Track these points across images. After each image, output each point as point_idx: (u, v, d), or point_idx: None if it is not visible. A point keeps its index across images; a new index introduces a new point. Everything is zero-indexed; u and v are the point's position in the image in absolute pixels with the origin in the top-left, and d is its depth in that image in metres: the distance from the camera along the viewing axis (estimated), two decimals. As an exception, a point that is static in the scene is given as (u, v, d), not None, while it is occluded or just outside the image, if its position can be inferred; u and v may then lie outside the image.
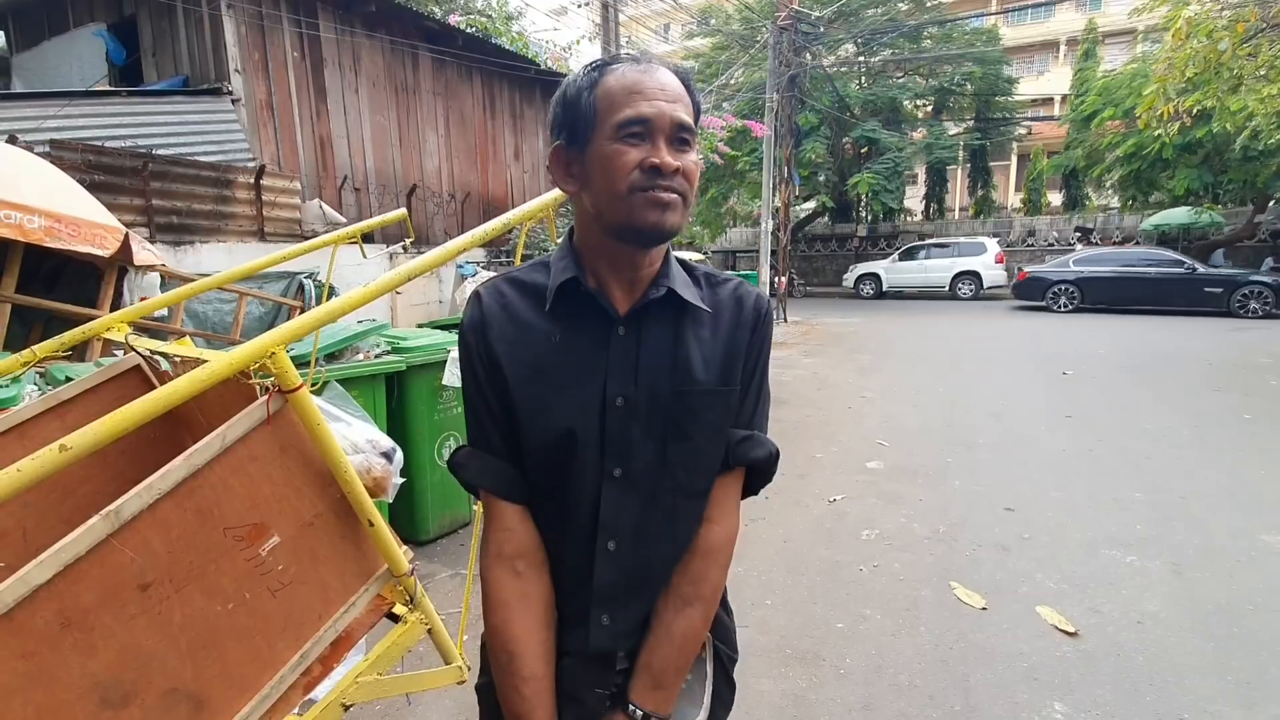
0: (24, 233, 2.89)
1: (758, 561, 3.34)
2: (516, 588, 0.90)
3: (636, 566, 0.90)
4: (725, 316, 0.93)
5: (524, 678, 0.87)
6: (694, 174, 0.84)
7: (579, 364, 0.88)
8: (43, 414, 1.71)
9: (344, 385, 2.97)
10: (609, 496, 0.88)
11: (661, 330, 0.90)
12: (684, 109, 0.83)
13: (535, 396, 0.88)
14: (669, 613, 0.89)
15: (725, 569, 0.93)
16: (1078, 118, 19.25)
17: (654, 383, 0.88)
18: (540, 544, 0.92)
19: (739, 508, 0.95)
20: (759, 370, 0.95)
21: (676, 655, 0.89)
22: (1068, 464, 4.66)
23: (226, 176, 6.12)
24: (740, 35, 19.17)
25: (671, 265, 0.92)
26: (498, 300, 0.91)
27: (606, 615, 0.90)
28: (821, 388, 7.43)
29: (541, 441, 0.89)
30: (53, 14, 8.20)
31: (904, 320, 13.63)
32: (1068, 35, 27.95)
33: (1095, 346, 9.50)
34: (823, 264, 23.68)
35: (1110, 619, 2.74)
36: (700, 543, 0.91)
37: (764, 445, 0.93)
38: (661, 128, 0.81)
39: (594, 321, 0.89)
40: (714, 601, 0.92)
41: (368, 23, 8.45)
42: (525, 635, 0.88)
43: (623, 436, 0.88)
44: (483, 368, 0.90)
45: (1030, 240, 20.94)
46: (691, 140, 0.84)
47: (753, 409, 0.94)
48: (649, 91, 0.81)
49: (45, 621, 1.06)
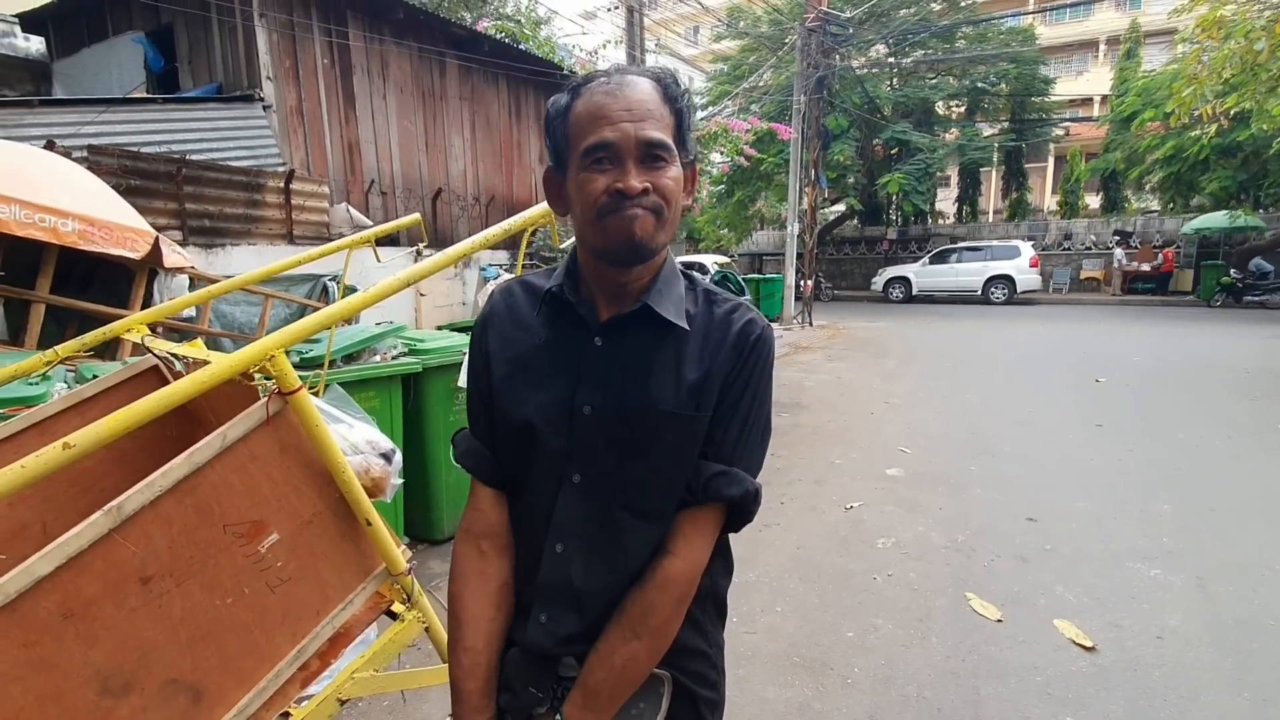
0: (58, 236, 3.01)
1: (769, 568, 3.31)
2: (477, 565, 0.96)
3: (581, 573, 0.90)
4: (711, 340, 0.90)
5: (464, 648, 0.93)
6: (669, 189, 0.83)
7: (555, 368, 0.91)
8: (64, 411, 1.78)
9: (361, 386, 3.04)
10: (564, 500, 0.90)
11: (639, 345, 0.89)
12: (654, 125, 0.81)
13: (509, 391, 0.93)
14: (615, 638, 0.87)
15: (680, 604, 0.88)
16: (1117, 118, 18.74)
17: (623, 396, 0.88)
18: (508, 530, 0.97)
19: (708, 545, 0.91)
20: (745, 402, 0.89)
21: (612, 681, 0.87)
22: (1095, 474, 4.54)
23: (257, 181, 6.29)
24: (768, 37, 19.06)
25: (662, 280, 0.90)
26: (505, 299, 0.99)
27: (545, 614, 0.92)
28: (844, 393, 7.34)
29: (507, 433, 0.94)
30: (92, 22, 8.50)
31: (933, 325, 13.40)
32: (1107, 34, 27.22)
33: (1130, 353, 9.24)
34: (851, 267, 23.40)
35: (1130, 633, 2.66)
36: (656, 573, 0.88)
37: (739, 483, 0.88)
38: (628, 150, 0.80)
39: (575, 329, 0.91)
40: (663, 636, 0.88)
41: (396, 30, 8.61)
42: (474, 609, 0.94)
43: (586, 444, 0.89)
44: (479, 358, 0.98)
45: (1067, 244, 20.42)
46: (668, 156, 0.82)
47: (734, 442, 0.89)
48: (613, 115, 0.80)
49: (48, 612, 1.10)
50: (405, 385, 3.32)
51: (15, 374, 1.78)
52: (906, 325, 13.44)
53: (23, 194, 2.93)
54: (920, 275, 18.43)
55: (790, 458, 4.99)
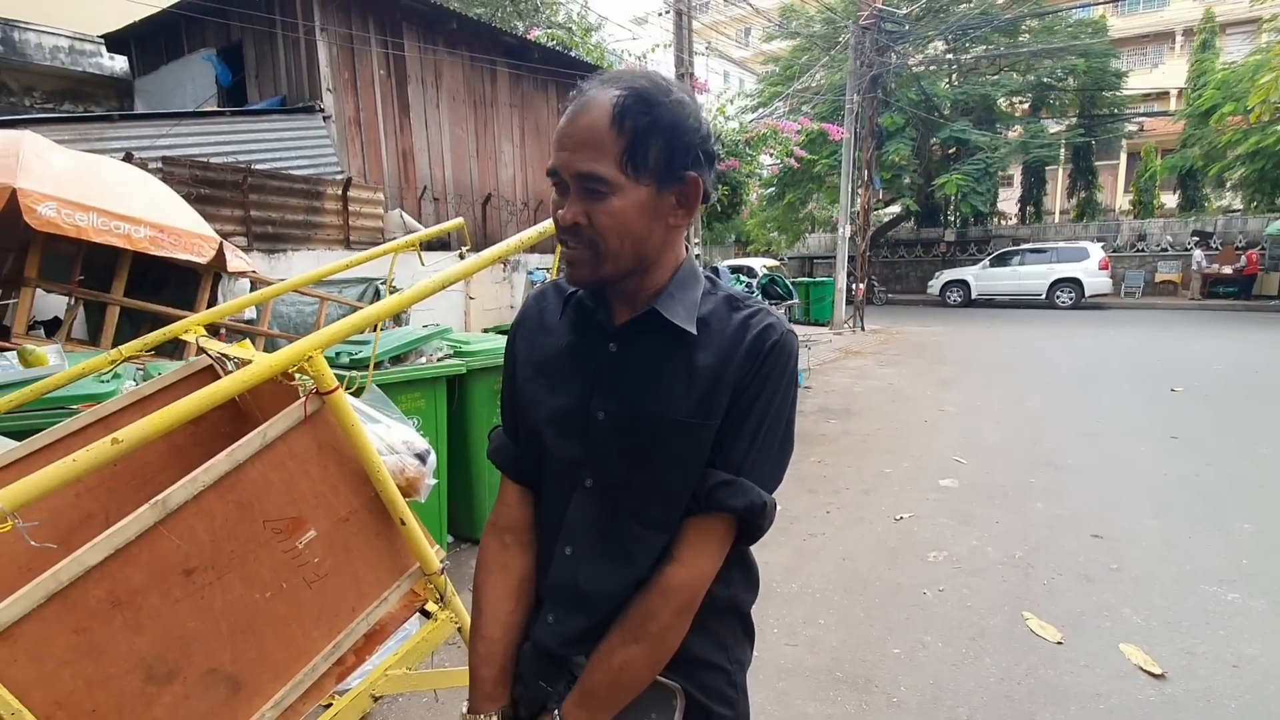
0: (131, 242, 3.19)
1: (813, 578, 3.22)
2: (500, 557, 0.99)
3: (588, 577, 0.90)
4: (725, 345, 0.86)
5: (482, 636, 0.96)
6: (604, 224, 0.79)
7: (573, 371, 0.92)
8: (127, 408, 1.87)
9: (407, 387, 3.10)
10: (575, 504, 0.91)
11: (651, 350, 0.87)
12: (589, 157, 0.78)
13: (530, 392, 0.96)
14: (615, 640, 0.87)
15: (681, 613, 0.86)
16: (1194, 113, 17.68)
17: (635, 402, 0.87)
18: (532, 525, 1.00)
19: (715, 555, 0.88)
20: (758, 410, 0.85)
21: (608, 684, 0.86)
22: (1168, 489, 4.26)
23: (317, 189, 6.55)
24: (821, 37, 18.75)
25: (676, 283, 0.88)
26: (538, 303, 1.01)
27: (552, 614, 0.93)
28: (896, 399, 7.12)
29: (525, 434, 0.97)
30: (170, 40, 9.03)
31: (993, 330, 12.90)
32: (1184, 25, 25.68)
33: (1210, 360, 8.67)
34: (906, 270, 22.77)
35: (1203, 661, 2.48)
36: (659, 579, 0.86)
37: (745, 494, 0.84)
38: (568, 178, 0.80)
39: (593, 333, 0.92)
40: (662, 643, 0.86)
41: (449, 40, 8.84)
42: (494, 599, 0.97)
43: (600, 450, 0.89)
44: (509, 358, 1.02)
45: (1140, 245, 19.34)
46: (604, 188, 0.78)
47: (744, 451, 0.85)
48: (560, 140, 0.81)
49: (97, 600, 1.15)
50: (450, 387, 3.37)
51: (83, 371, 1.89)
52: (964, 330, 12.96)
53: (101, 203, 3.12)
54: (980, 278, 17.77)
55: (837, 465, 4.86)
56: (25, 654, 1.10)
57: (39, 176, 2.93)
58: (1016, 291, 17.15)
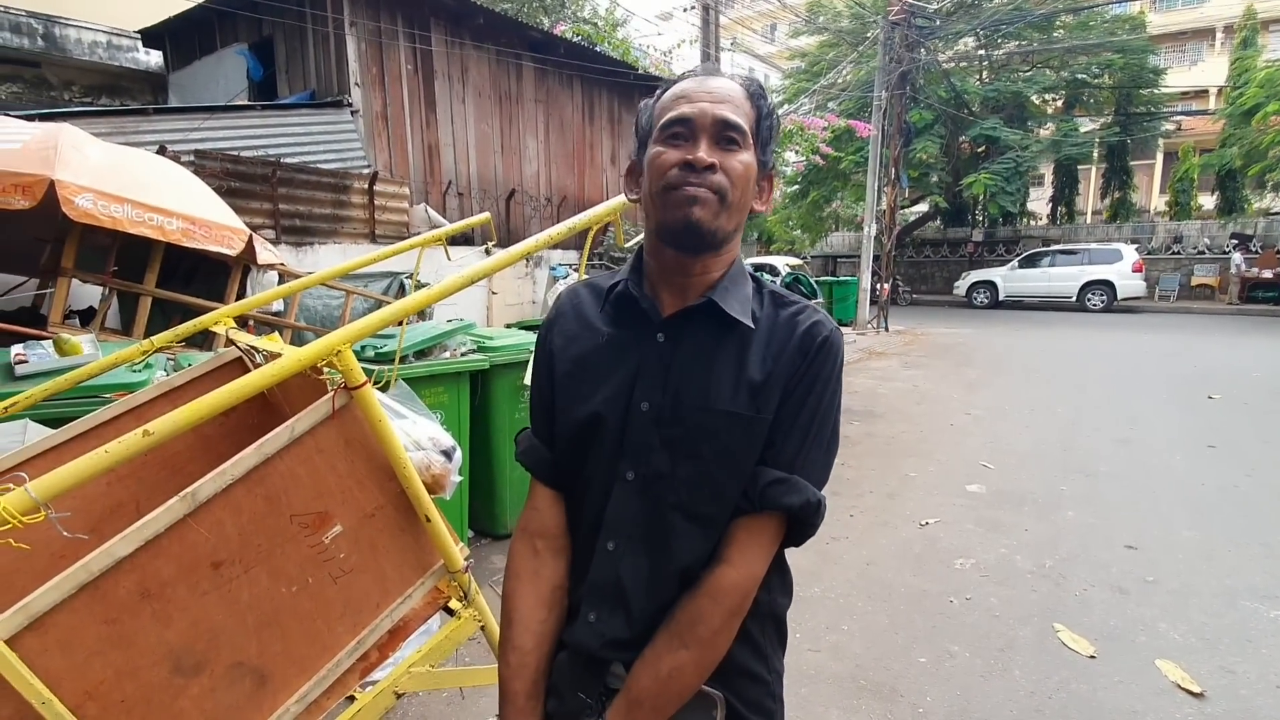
0: (164, 233, 3.24)
1: (836, 583, 3.18)
2: (531, 564, 0.96)
3: (630, 573, 0.88)
4: (775, 341, 0.87)
5: (513, 646, 0.93)
6: (738, 172, 0.83)
7: (615, 364, 0.91)
8: (157, 398, 1.89)
9: (431, 382, 3.11)
10: (617, 497, 0.89)
11: (701, 342, 0.88)
12: (731, 109, 0.83)
13: (571, 389, 0.93)
14: (661, 645, 0.84)
15: (731, 616, 0.84)
16: (1235, 112, 17.10)
17: (682, 393, 0.86)
18: (564, 531, 0.97)
19: (765, 556, 0.86)
20: (809, 406, 0.85)
21: (657, 690, 0.83)
22: (1207, 500, 4.13)
23: (344, 182, 6.61)
24: (849, 32, 18.50)
25: (730, 278, 0.89)
26: (572, 300, 1.00)
27: (594, 613, 0.90)
28: (921, 402, 7.01)
29: (566, 432, 0.94)
30: (203, 36, 9.18)
31: (1021, 332, 12.64)
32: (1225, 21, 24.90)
33: (1249, 367, 8.40)
34: (932, 270, 22.42)
35: (1245, 680, 2.39)
36: (708, 581, 0.84)
37: (799, 491, 0.84)
38: (703, 126, 0.82)
39: (638, 325, 0.91)
40: (711, 647, 0.84)
41: (476, 35, 8.87)
42: (525, 608, 0.94)
43: (641, 441, 0.87)
44: (543, 358, 0.99)
45: (1176, 247, 18.83)
46: (741, 140, 0.83)
47: (796, 449, 0.85)
48: (694, 95, 0.84)
49: (127, 591, 1.15)
50: (473, 382, 3.37)
51: (116, 361, 1.91)
52: (992, 332, 12.73)
53: (136, 195, 3.17)
54: (1008, 280, 17.43)
55: (861, 469, 4.79)
56: (56, 643, 1.11)
57: (76, 169, 2.98)
58: (1046, 293, 16.79)
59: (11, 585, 1.36)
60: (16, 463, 1.64)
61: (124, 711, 1.17)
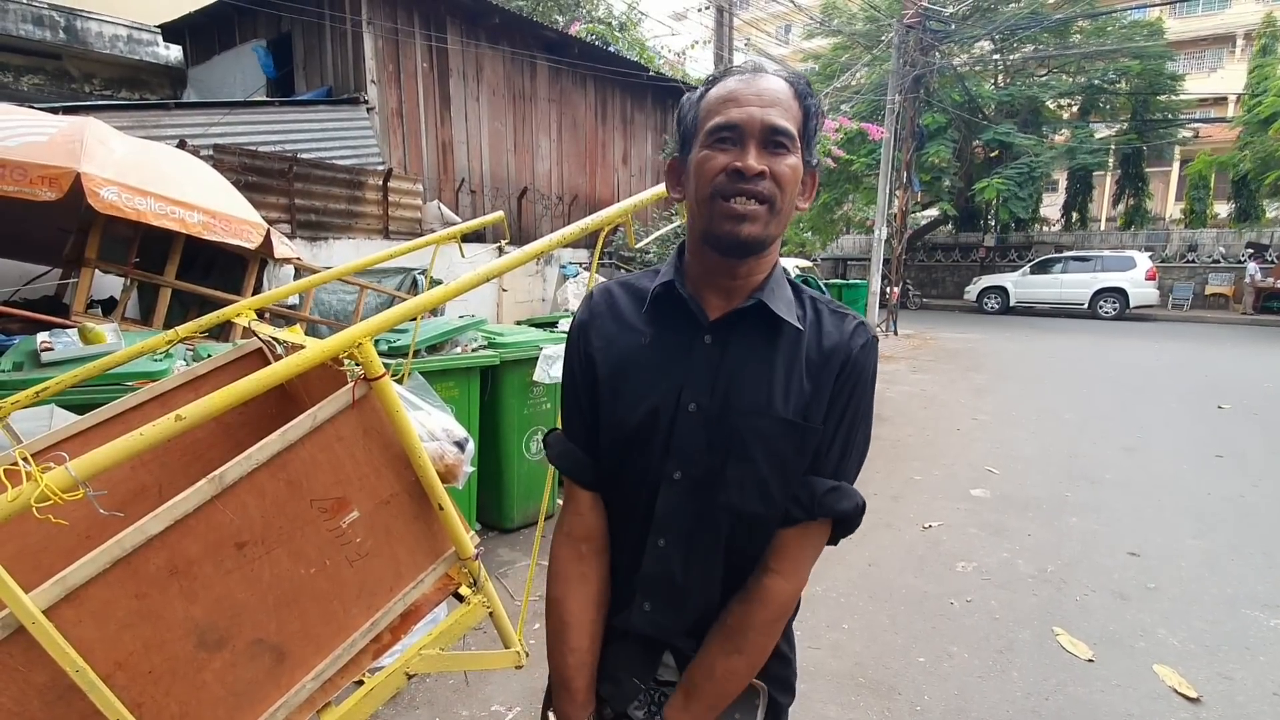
0: (185, 226, 3.31)
1: (838, 582, 3.21)
2: (577, 568, 0.98)
3: (682, 568, 0.91)
4: (821, 346, 0.89)
5: (571, 648, 0.96)
6: (786, 177, 0.82)
7: (662, 366, 0.91)
8: (180, 386, 1.95)
9: (442, 376, 3.16)
10: (665, 497, 0.91)
11: (749, 345, 0.89)
12: (780, 113, 0.82)
13: (616, 392, 0.93)
14: (716, 649, 0.89)
15: (780, 622, 0.90)
16: (1253, 120, 16.95)
17: (730, 396, 0.87)
18: (605, 531, 0.99)
19: (813, 563, 0.91)
20: (851, 412, 0.88)
21: (713, 691, 0.89)
22: (1212, 509, 4.13)
23: (358, 179, 6.69)
24: (863, 35, 18.45)
25: (773, 280, 0.90)
26: (606, 301, 0.99)
27: (648, 603, 0.94)
28: (928, 406, 7.02)
29: (613, 435, 0.94)
30: (223, 31, 9.31)
31: (1031, 338, 12.59)
32: (1245, 28, 24.65)
33: (1261, 378, 8.35)
34: (943, 275, 22.33)
35: (1242, 688, 2.41)
36: (761, 590, 0.88)
37: (850, 497, 0.88)
38: (751, 132, 0.81)
39: (684, 327, 0.91)
40: (761, 652, 0.90)
41: (491, 34, 8.94)
42: (578, 611, 0.97)
43: (689, 442, 0.89)
44: (579, 361, 0.98)
45: (1191, 256, 18.67)
46: (789, 144, 0.82)
47: (840, 456, 0.89)
48: (742, 98, 0.82)
49: (157, 568, 1.21)
50: (483, 377, 3.43)
51: (141, 350, 1.97)
52: (1001, 338, 12.69)
53: (158, 188, 3.24)
54: (1019, 285, 17.35)
55: (866, 471, 4.70)
56: (90, 615, 1.16)
57: (101, 162, 3.06)
58: (1057, 300, 16.70)
59: (39, 564, 1.43)
60: (45, 445, 1.71)
61: (151, 682, 1.23)
